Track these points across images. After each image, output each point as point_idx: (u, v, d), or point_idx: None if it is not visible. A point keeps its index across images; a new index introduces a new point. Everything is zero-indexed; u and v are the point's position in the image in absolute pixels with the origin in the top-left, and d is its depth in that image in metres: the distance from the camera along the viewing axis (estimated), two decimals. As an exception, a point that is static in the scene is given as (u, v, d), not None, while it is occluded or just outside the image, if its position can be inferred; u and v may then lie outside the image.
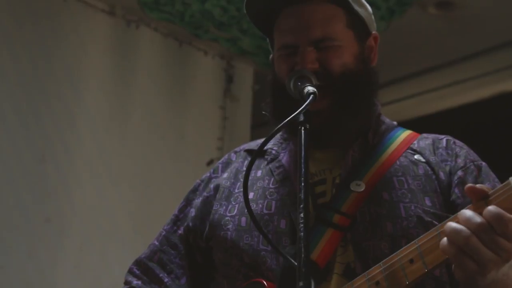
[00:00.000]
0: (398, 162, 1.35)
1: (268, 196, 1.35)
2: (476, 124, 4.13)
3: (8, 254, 3.01)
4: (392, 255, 1.11)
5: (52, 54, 3.35)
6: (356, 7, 1.38)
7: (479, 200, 1.02)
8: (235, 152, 1.55)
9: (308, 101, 1.14)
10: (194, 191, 1.54)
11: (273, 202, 1.34)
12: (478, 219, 0.99)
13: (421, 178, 1.32)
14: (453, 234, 1.01)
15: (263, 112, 1.42)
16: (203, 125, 4.01)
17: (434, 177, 1.32)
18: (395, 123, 1.48)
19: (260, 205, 1.34)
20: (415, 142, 1.41)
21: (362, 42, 1.40)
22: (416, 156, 1.37)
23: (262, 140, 1.51)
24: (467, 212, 1.01)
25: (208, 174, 1.54)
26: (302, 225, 1.00)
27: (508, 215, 0.97)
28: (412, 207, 1.27)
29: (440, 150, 1.38)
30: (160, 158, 3.71)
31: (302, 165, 1.08)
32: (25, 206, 3.10)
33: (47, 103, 3.28)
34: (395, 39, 3.69)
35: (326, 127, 1.31)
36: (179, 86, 3.92)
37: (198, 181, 1.56)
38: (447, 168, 1.34)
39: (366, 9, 1.43)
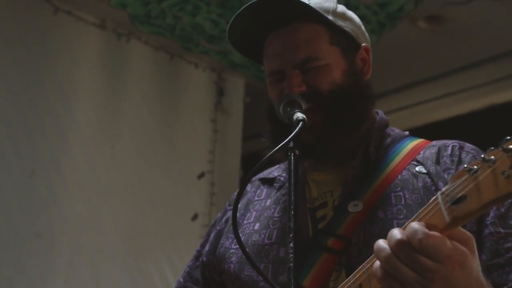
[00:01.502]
0: (399, 177, 1.28)
1: (271, 226, 1.34)
2: (466, 136, 4.13)
3: (-3, 270, 2.99)
4: (346, 279, 1.06)
5: (42, 67, 3.34)
6: (340, 22, 1.36)
7: (412, 218, 0.97)
8: (251, 182, 1.51)
9: (297, 129, 1.13)
10: (214, 224, 1.53)
11: (275, 232, 1.32)
12: (398, 235, 0.92)
13: (419, 191, 1.25)
14: (377, 253, 0.95)
15: (263, 140, 1.39)
16: (194, 138, 4.00)
17: (433, 188, 1.24)
18: (406, 132, 1.41)
19: (263, 235, 1.33)
20: (421, 152, 1.33)
21: (350, 56, 1.36)
22: (417, 168, 1.29)
23: (275, 167, 1.51)
24: (393, 230, 0.95)
25: (225, 207, 1.53)
26: (291, 255, 0.99)
27: (425, 230, 0.90)
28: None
29: (445, 158, 1.29)
30: (151, 171, 3.70)
31: (292, 193, 1.07)
32: (15, 221, 3.08)
33: (37, 117, 3.27)
34: (385, 53, 3.71)
35: (320, 142, 1.28)
36: (170, 99, 3.92)
37: (219, 214, 1.54)
38: (449, 178, 1.25)
39: (352, 22, 1.40)
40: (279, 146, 1.09)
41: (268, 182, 1.46)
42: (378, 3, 3.40)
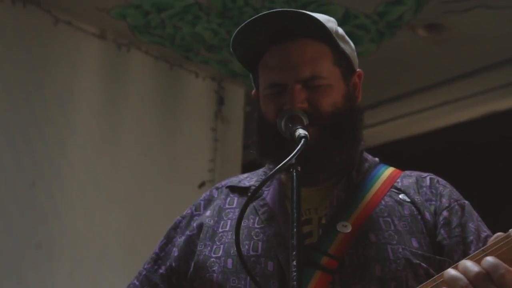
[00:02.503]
0: (383, 202, 1.32)
1: (254, 237, 1.32)
2: (467, 144, 4.15)
3: (-2, 281, 2.98)
4: None
5: (43, 78, 3.35)
6: (342, 45, 1.37)
7: (479, 252, 1.03)
8: (217, 189, 1.50)
9: (300, 145, 1.13)
10: (175, 228, 1.49)
11: (260, 243, 1.31)
12: (476, 268, 0.99)
13: (407, 219, 1.30)
14: (452, 282, 1.00)
15: (251, 151, 1.39)
16: (194, 147, 4.00)
17: (419, 217, 1.30)
18: (377, 159, 1.46)
19: (246, 246, 1.31)
20: (398, 180, 1.38)
21: (348, 80, 1.38)
22: (401, 196, 1.34)
23: (245, 176, 1.50)
24: (467, 262, 1.01)
25: (189, 211, 1.50)
26: (294, 273, 0.99)
27: (505, 265, 0.97)
28: (400, 249, 1.24)
29: (424, 189, 1.36)
30: (151, 181, 3.70)
31: (295, 210, 1.07)
32: (16, 232, 3.08)
33: (38, 128, 3.27)
34: (385, 61, 3.72)
35: (311, 155, 1.27)
36: (170, 108, 3.92)
37: (179, 218, 1.51)
38: (432, 208, 1.32)
39: (350, 46, 1.42)
40: (283, 163, 1.09)
41: (239, 191, 1.45)
42: (377, 12, 3.41)
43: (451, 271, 1.01)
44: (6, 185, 3.10)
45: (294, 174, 1.12)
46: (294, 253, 1.02)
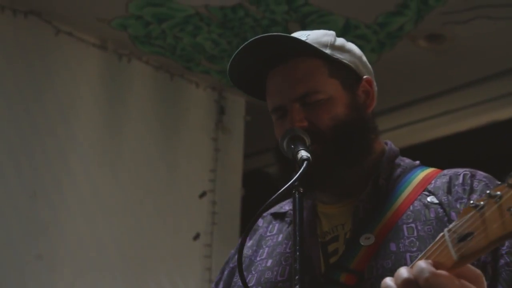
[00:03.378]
0: (411, 208, 1.26)
1: (283, 262, 1.32)
2: (468, 153, 4.15)
3: (-2, 292, 2.97)
4: None
5: (43, 89, 3.35)
6: (338, 55, 1.35)
7: (420, 256, 0.96)
8: (263, 217, 1.50)
9: (302, 169, 1.12)
10: (227, 262, 1.51)
11: (287, 268, 1.30)
12: (405, 274, 0.92)
13: (432, 223, 1.23)
14: None
15: (272, 177, 1.41)
16: (195, 157, 4.00)
17: (446, 219, 1.22)
18: (417, 162, 1.40)
19: (275, 272, 1.31)
20: (432, 181, 1.31)
21: (351, 89, 1.35)
22: (429, 198, 1.27)
23: (286, 202, 1.48)
24: (400, 268, 0.94)
25: (238, 244, 1.52)
26: None
27: (431, 269, 0.89)
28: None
29: (456, 187, 1.28)
30: (152, 191, 3.70)
31: (297, 233, 1.06)
32: (16, 243, 3.07)
33: (38, 139, 3.26)
34: (385, 71, 3.72)
35: (318, 173, 1.25)
36: (171, 118, 3.92)
37: (232, 251, 1.52)
38: (461, 207, 1.23)
39: (352, 54, 1.39)
40: (285, 187, 1.09)
41: (280, 216, 1.45)
42: (378, 23, 3.42)
43: (385, 280, 0.95)
44: (7, 196, 3.09)
45: (297, 196, 1.12)
46: (297, 277, 1.01)
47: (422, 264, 0.91)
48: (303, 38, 1.34)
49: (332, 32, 1.41)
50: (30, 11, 3.33)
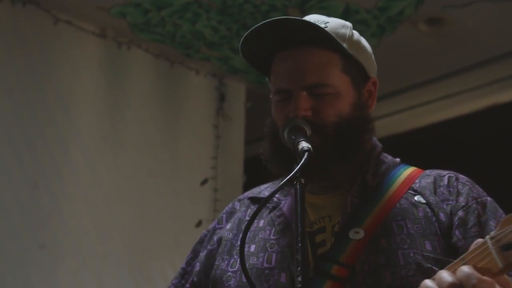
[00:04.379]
0: (398, 205, 1.29)
1: (268, 249, 1.32)
2: (469, 137, 4.15)
3: (2, 282, 2.98)
4: None
5: (43, 78, 3.34)
6: (353, 51, 1.34)
7: (458, 260, 0.99)
8: (239, 200, 1.51)
9: (303, 160, 1.12)
10: (201, 242, 1.50)
11: (273, 255, 1.30)
12: (449, 278, 0.95)
13: (421, 221, 1.26)
14: None
15: (261, 158, 1.38)
16: (196, 145, 4.00)
17: (434, 219, 1.26)
18: (398, 160, 1.43)
19: (261, 259, 1.31)
20: (416, 181, 1.34)
21: (359, 87, 1.35)
22: (416, 198, 1.30)
23: (265, 186, 1.50)
24: (443, 272, 0.97)
25: (213, 225, 1.50)
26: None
27: (478, 275, 0.93)
28: (411, 254, 1.21)
29: (442, 188, 1.31)
30: (154, 179, 3.70)
31: (299, 224, 1.06)
32: (19, 233, 3.08)
33: (39, 128, 3.26)
34: (386, 55, 3.70)
35: (314, 164, 1.24)
36: (171, 106, 3.92)
37: (204, 231, 1.52)
38: (448, 209, 1.27)
39: (365, 52, 1.39)
40: (286, 178, 1.09)
41: (259, 201, 1.44)
42: (378, 7, 3.40)
43: (427, 282, 0.98)
44: (9, 186, 3.10)
45: (298, 187, 1.11)
46: (299, 268, 1.01)
47: (467, 269, 0.94)
48: (322, 25, 1.32)
49: (350, 24, 1.39)
50: (29, 0, 3.31)
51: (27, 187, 3.15)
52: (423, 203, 1.29)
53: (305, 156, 1.14)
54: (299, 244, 1.05)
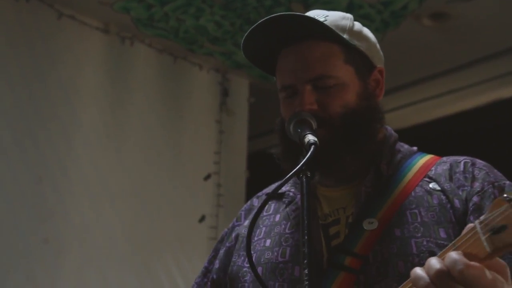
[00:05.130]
0: (413, 193, 1.27)
1: (283, 243, 1.32)
2: (473, 131, 4.15)
3: (6, 276, 2.99)
4: None
5: (47, 73, 3.34)
6: (355, 42, 1.34)
7: (450, 246, 0.97)
8: (257, 197, 1.51)
9: (310, 153, 1.12)
10: (221, 241, 1.51)
11: (288, 249, 1.30)
12: (437, 265, 0.93)
13: (435, 209, 1.24)
14: (415, 282, 0.96)
15: (274, 157, 1.37)
16: (199, 140, 4.00)
17: (449, 206, 1.23)
18: (415, 148, 1.41)
19: (276, 253, 1.31)
20: (432, 168, 1.32)
21: (364, 77, 1.34)
22: (431, 185, 1.28)
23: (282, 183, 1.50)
24: (431, 259, 0.96)
25: (232, 222, 1.51)
26: (306, 282, 0.98)
27: (465, 260, 0.91)
28: (424, 242, 1.20)
29: (457, 174, 1.29)
30: (157, 174, 3.70)
31: (305, 217, 1.05)
32: (23, 228, 3.09)
33: (43, 124, 3.27)
34: (390, 50, 3.67)
35: (324, 157, 1.25)
36: (174, 101, 3.92)
37: (225, 229, 1.52)
38: (464, 195, 1.25)
39: (368, 41, 1.37)
40: (292, 172, 1.08)
41: (276, 197, 1.44)
42: (382, 2, 3.39)
43: (416, 270, 0.96)
44: (13, 182, 3.11)
45: (304, 180, 1.11)
46: (305, 261, 1.01)
47: (455, 255, 0.92)
48: (321, 19, 1.32)
49: (350, 16, 1.39)
50: (32, -5, 3.32)
51: (31, 182, 3.16)
52: (437, 190, 1.27)
53: (312, 149, 1.13)
54: (305, 237, 1.04)
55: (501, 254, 0.90)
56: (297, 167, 1.09)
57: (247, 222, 1.45)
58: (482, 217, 0.91)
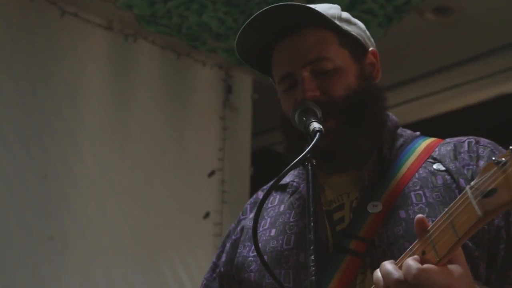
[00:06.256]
0: (417, 175, 1.27)
1: (288, 231, 1.32)
2: (476, 126, 4.12)
3: (12, 273, 3.00)
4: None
5: (50, 71, 3.35)
6: (346, 27, 1.35)
7: (423, 234, 1.01)
8: (263, 190, 1.51)
9: (315, 140, 1.12)
10: (228, 235, 1.51)
11: (293, 237, 1.30)
12: (395, 275, 0.98)
13: (440, 189, 1.23)
14: (376, 284, 1.01)
15: (281, 152, 1.38)
16: (203, 136, 4.00)
17: (454, 185, 1.23)
18: (417, 133, 1.41)
19: (281, 241, 1.32)
20: (436, 149, 1.32)
21: (359, 60, 1.35)
22: (435, 166, 1.28)
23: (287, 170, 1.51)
24: (386, 265, 1.01)
25: (239, 217, 1.52)
26: (313, 268, 0.99)
27: (418, 265, 0.95)
28: (430, 223, 1.19)
29: (462, 154, 1.29)
30: (161, 171, 3.71)
31: (311, 204, 1.06)
32: (28, 225, 3.10)
33: (47, 121, 3.28)
34: (393, 45, 3.70)
35: (336, 146, 1.27)
36: (178, 98, 3.92)
37: (232, 224, 1.53)
38: (469, 174, 1.24)
39: (358, 27, 1.40)
40: (297, 159, 1.08)
41: (280, 188, 1.45)
42: (385, -3, 3.39)
43: (377, 275, 1.01)
44: (18, 179, 3.12)
45: (309, 168, 1.11)
46: (312, 247, 1.01)
47: (410, 262, 0.97)
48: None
49: (337, 6, 1.41)
50: (35, -7, 3.32)
51: (36, 179, 3.17)
52: (442, 171, 1.27)
53: (317, 136, 1.13)
54: (311, 224, 1.05)
55: (493, 217, 0.92)
56: (302, 155, 1.09)
57: (252, 215, 1.45)
58: (472, 182, 0.92)
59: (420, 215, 1.02)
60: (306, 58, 1.30)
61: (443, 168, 1.27)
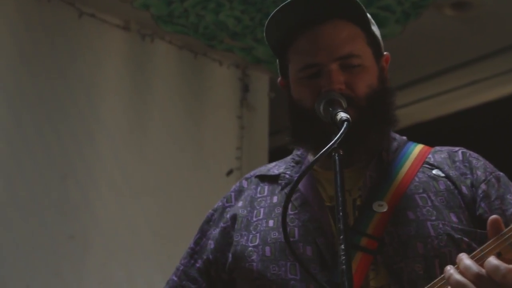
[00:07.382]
0: (417, 179, 1.32)
1: (289, 223, 1.32)
2: (495, 123, 4.10)
3: (34, 273, 3.03)
4: None
5: (69, 71, 3.37)
6: (372, 27, 1.38)
7: (498, 235, 1.04)
8: (246, 179, 1.51)
9: (343, 129, 1.12)
10: (208, 221, 1.51)
11: (296, 229, 1.31)
12: (475, 269, 1.02)
13: (443, 194, 1.29)
14: (454, 285, 1.04)
15: (287, 139, 1.39)
16: (221, 135, 4.01)
17: (456, 192, 1.30)
18: (404, 138, 1.46)
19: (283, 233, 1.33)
20: (430, 156, 1.39)
21: (379, 61, 1.39)
22: (434, 171, 1.34)
23: (273, 165, 1.51)
24: (465, 260, 1.04)
25: (220, 203, 1.50)
26: (344, 257, 0.99)
27: (505, 265, 0.99)
28: (440, 225, 1.24)
29: (457, 163, 1.36)
30: (180, 170, 3.72)
31: (339, 193, 1.07)
32: (49, 224, 3.12)
33: (66, 121, 3.30)
34: (411, 42, 3.67)
35: (351, 136, 1.25)
36: (195, 97, 3.93)
37: (210, 211, 1.52)
38: (468, 182, 1.32)
39: (377, 29, 1.42)
40: (327, 147, 1.09)
41: (268, 179, 1.45)
42: (402, -8, 3.37)
43: (450, 271, 1.04)
44: (39, 179, 3.15)
45: (337, 158, 1.12)
46: (341, 237, 1.02)
47: (495, 261, 1.00)
48: None
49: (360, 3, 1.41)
50: (53, -6, 3.35)
51: (56, 180, 3.20)
52: (442, 177, 1.33)
53: (345, 125, 1.14)
54: (340, 214, 1.05)
55: None
56: (330, 144, 1.09)
57: (241, 203, 1.44)
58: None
59: (495, 216, 1.06)
60: (338, 52, 1.30)
61: (443, 174, 1.33)
